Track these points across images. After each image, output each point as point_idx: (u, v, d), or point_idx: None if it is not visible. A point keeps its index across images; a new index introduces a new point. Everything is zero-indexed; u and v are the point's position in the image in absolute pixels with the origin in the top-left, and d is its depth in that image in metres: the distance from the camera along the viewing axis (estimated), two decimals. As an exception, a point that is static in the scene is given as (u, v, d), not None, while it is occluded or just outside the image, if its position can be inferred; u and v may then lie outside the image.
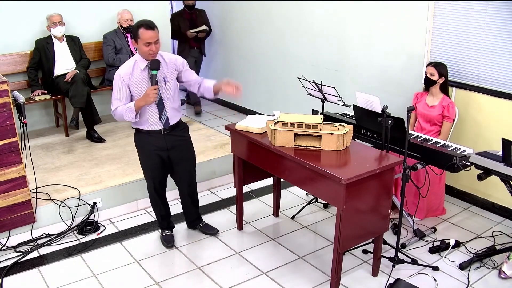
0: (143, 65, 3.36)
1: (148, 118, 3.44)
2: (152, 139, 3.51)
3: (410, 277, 3.42)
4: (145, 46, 3.27)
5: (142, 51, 3.32)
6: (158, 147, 3.53)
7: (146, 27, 3.25)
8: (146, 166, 3.64)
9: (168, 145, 3.54)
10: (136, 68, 3.36)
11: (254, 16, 6.31)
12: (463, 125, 4.30)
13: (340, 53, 5.33)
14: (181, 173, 3.73)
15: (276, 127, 3.35)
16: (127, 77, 3.35)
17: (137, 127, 3.53)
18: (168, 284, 3.41)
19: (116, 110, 3.40)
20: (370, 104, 3.72)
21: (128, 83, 3.36)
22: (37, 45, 5.26)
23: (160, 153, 3.55)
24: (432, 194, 4.06)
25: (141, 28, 3.25)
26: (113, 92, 3.41)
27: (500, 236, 3.91)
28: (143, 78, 3.37)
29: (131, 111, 3.34)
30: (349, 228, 3.05)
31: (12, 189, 3.69)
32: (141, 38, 3.25)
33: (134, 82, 3.37)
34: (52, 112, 5.70)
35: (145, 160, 3.62)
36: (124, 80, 3.35)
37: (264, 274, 3.51)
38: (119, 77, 3.36)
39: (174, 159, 3.62)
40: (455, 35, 4.28)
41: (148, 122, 3.46)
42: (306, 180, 3.22)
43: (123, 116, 3.38)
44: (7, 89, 3.49)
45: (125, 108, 3.35)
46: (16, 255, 3.72)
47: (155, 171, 3.63)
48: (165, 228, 3.90)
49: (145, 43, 3.26)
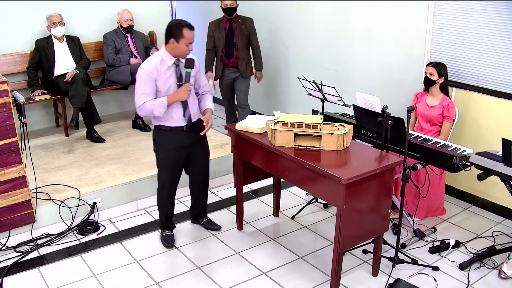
0: (171, 62, 3.45)
1: (173, 114, 3.52)
2: (174, 136, 3.57)
3: (410, 277, 3.42)
4: (186, 46, 3.39)
5: (180, 50, 3.41)
6: (179, 145, 3.60)
7: (190, 28, 3.38)
8: (165, 163, 3.67)
9: (189, 142, 3.62)
10: (163, 64, 3.44)
11: (254, 16, 6.31)
12: (463, 125, 4.30)
13: (340, 53, 5.33)
14: (197, 168, 3.81)
15: (276, 127, 3.35)
16: (155, 72, 3.42)
17: (160, 123, 3.57)
18: (168, 284, 3.41)
19: (144, 104, 3.44)
20: (370, 104, 3.72)
21: (155, 78, 3.43)
22: (37, 45, 5.26)
23: (180, 151, 3.63)
24: (432, 194, 4.06)
25: (184, 28, 3.35)
26: (138, 87, 3.46)
27: (500, 236, 3.91)
28: (170, 75, 3.46)
29: (163, 106, 3.42)
30: (349, 228, 3.05)
31: (12, 189, 3.69)
32: (185, 37, 3.36)
33: (162, 78, 3.44)
34: (52, 112, 5.71)
35: (164, 157, 3.66)
36: (152, 75, 3.41)
37: (264, 274, 3.51)
38: (147, 71, 3.41)
39: (192, 156, 3.71)
40: (455, 35, 4.28)
41: (173, 118, 3.53)
42: (306, 180, 3.22)
43: (153, 110, 3.44)
44: (7, 89, 3.49)
45: (157, 103, 3.42)
46: (16, 255, 3.72)
47: (174, 169, 3.68)
48: (166, 228, 3.91)
49: (188, 42, 3.38)
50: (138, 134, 5.46)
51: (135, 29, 5.70)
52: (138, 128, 5.58)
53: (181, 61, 3.49)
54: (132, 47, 5.61)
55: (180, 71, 3.49)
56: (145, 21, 5.99)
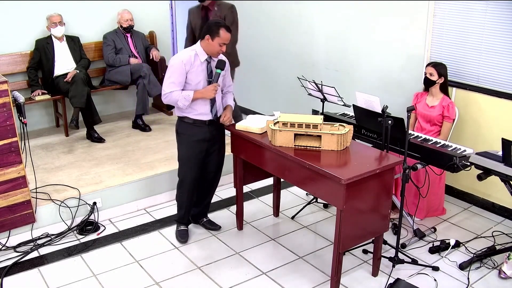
0: (203, 58, 3.52)
1: (198, 108, 3.57)
2: (196, 129, 3.63)
3: (410, 277, 3.42)
4: (219, 46, 3.47)
5: (213, 48, 3.48)
6: (200, 138, 3.65)
7: (227, 29, 3.47)
8: (188, 155, 3.70)
9: (210, 136, 3.67)
10: (196, 59, 3.51)
11: (254, 16, 6.31)
12: (463, 125, 4.30)
13: (340, 53, 5.33)
14: (212, 164, 3.83)
15: (276, 127, 3.35)
16: (188, 65, 3.48)
17: (185, 115, 3.62)
18: (168, 284, 3.41)
19: (171, 93, 3.49)
20: (370, 104, 3.72)
21: (188, 70, 3.49)
22: (37, 45, 5.26)
23: (202, 144, 3.67)
24: (432, 194, 4.06)
25: (222, 28, 3.44)
26: (169, 75, 3.51)
27: (500, 236, 3.91)
28: (202, 70, 3.53)
29: (188, 99, 3.49)
30: (349, 228, 3.05)
31: (12, 189, 3.69)
32: (220, 37, 3.44)
33: (194, 71, 3.50)
34: (52, 112, 5.70)
35: (186, 150, 3.70)
36: (185, 67, 3.47)
37: (264, 274, 3.51)
38: (181, 63, 3.46)
39: (210, 151, 3.75)
40: (455, 35, 4.28)
41: (197, 111, 3.58)
42: (306, 180, 3.22)
43: (178, 101, 3.50)
44: (7, 89, 3.49)
45: (183, 96, 3.49)
46: (16, 255, 3.72)
47: (194, 162, 3.71)
48: (182, 223, 3.94)
49: (222, 43, 3.46)
50: (138, 134, 5.46)
51: (135, 29, 5.70)
52: (138, 128, 5.58)
53: (213, 59, 3.56)
54: (132, 47, 5.61)
55: (211, 68, 3.55)
56: (145, 21, 5.99)
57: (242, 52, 6.66)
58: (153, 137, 5.32)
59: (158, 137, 5.32)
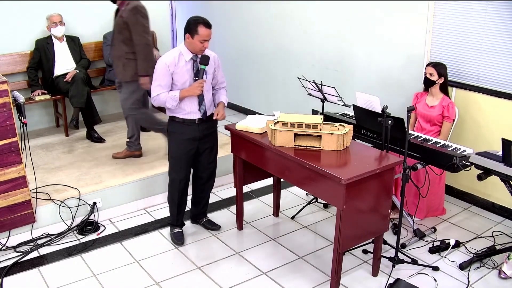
0: (188, 57, 3.51)
1: (186, 107, 3.57)
2: (186, 128, 3.62)
3: (410, 277, 3.42)
4: (200, 43, 3.44)
5: (195, 46, 3.46)
6: (190, 137, 3.64)
7: (206, 25, 3.42)
8: (178, 155, 3.70)
9: (200, 134, 3.66)
10: (181, 58, 3.50)
11: (254, 16, 6.32)
12: (463, 125, 4.30)
13: (340, 53, 5.33)
14: (205, 161, 3.82)
15: (276, 127, 3.35)
16: (172, 66, 3.48)
17: (173, 114, 3.63)
18: (168, 284, 3.41)
19: (158, 96, 3.51)
20: (370, 104, 3.72)
21: (172, 71, 3.48)
22: (37, 45, 5.26)
23: (191, 143, 3.67)
24: (432, 194, 4.06)
25: (200, 25, 3.40)
26: (155, 78, 3.52)
27: (500, 236, 3.91)
28: (187, 69, 3.52)
29: (175, 99, 3.49)
30: (349, 228, 3.05)
31: (12, 189, 3.69)
32: (199, 34, 3.41)
33: (179, 72, 3.50)
34: (52, 112, 5.71)
35: (176, 148, 3.69)
36: (169, 69, 3.47)
37: (264, 274, 3.51)
38: (164, 65, 3.47)
39: (202, 149, 3.74)
40: (455, 35, 4.28)
41: (185, 111, 3.58)
42: (306, 180, 3.22)
43: (166, 103, 3.51)
44: (7, 89, 3.49)
45: (170, 96, 3.49)
46: (16, 255, 3.72)
47: (184, 161, 3.71)
48: (175, 225, 3.93)
49: (202, 40, 3.43)
50: (138, 134, 5.46)
51: (135, 29, 5.69)
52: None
53: (199, 57, 3.54)
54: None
55: (197, 66, 3.54)
56: (145, 21, 5.98)
57: (242, 52, 6.69)
58: (153, 137, 5.32)
59: (158, 137, 5.32)
